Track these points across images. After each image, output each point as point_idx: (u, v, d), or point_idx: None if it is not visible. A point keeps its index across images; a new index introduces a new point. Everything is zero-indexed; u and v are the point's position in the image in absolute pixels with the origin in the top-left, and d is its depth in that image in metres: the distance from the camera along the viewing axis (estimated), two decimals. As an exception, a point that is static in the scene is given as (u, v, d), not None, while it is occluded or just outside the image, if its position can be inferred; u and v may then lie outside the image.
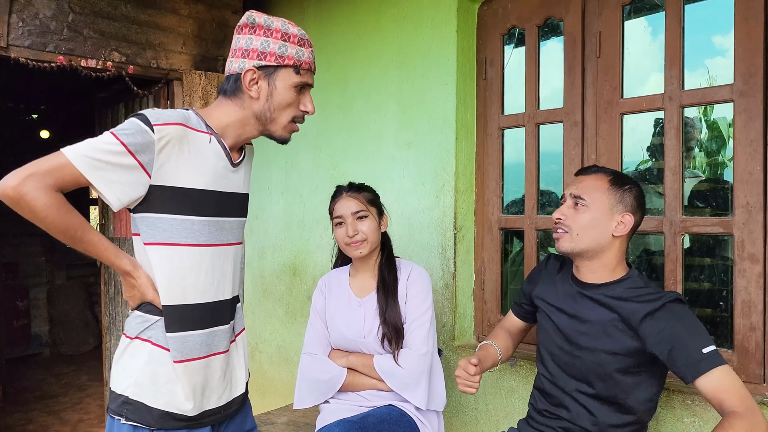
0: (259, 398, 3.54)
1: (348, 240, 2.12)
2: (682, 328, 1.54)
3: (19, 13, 2.85)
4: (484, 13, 2.58)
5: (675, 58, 2.02)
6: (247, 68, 1.46)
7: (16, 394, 4.80)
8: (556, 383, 1.79)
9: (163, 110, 1.42)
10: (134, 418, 1.42)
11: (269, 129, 1.54)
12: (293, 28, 1.49)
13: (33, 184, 1.29)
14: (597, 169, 1.77)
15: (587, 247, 1.70)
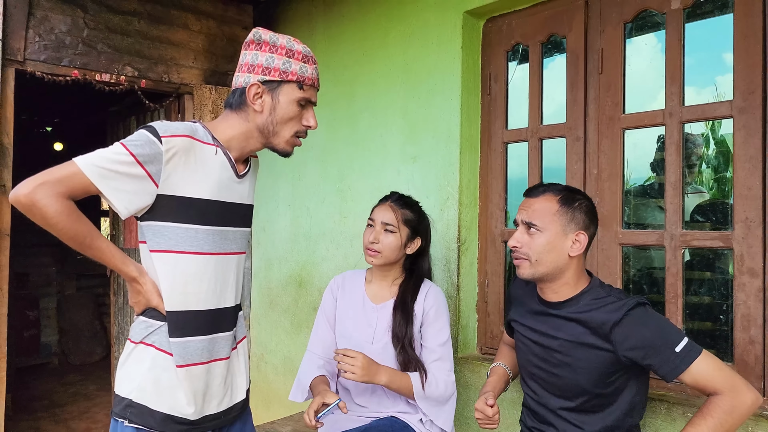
0: (264, 409, 3.56)
1: (367, 244, 2.18)
2: (649, 332, 1.56)
3: (35, 28, 2.93)
4: (488, 30, 2.62)
5: (675, 74, 2.06)
6: (252, 82, 1.51)
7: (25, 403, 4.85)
8: (539, 401, 1.81)
9: (171, 122, 1.46)
10: (137, 421, 1.46)
11: (272, 142, 1.58)
12: (298, 45, 1.53)
13: (45, 192, 1.34)
14: (545, 189, 1.75)
15: (547, 271, 1.71)
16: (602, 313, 1.64)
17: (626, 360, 1.59)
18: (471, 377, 2.50)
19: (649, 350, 1.55)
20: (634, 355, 1.57)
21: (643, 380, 1.70)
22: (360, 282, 2.31)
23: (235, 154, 1.57)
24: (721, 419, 1.47)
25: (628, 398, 1.67)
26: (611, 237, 2.20)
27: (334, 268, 3.15)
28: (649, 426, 1.95)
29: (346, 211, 3.11)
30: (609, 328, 1.60)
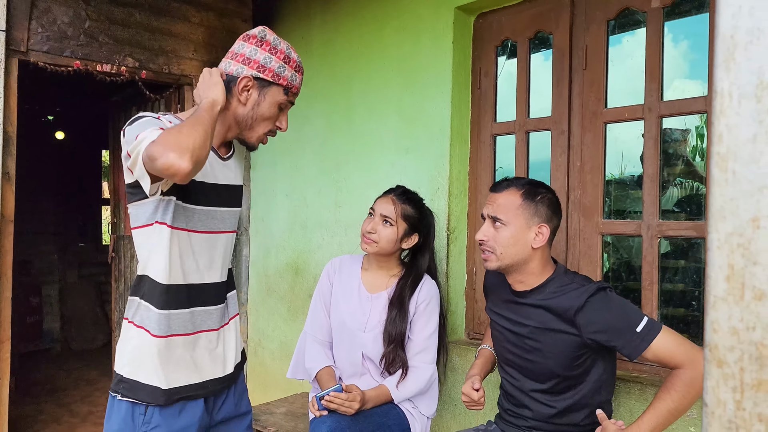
0: (262, 392, 3.66)
1: (365, 232, 2.26)
2: (610, 315, 1.66)
3: (38, 19, 3.01)
4: (479, 25, 2.70)
5: (655, 71, 2.14)
6: (245, 75, 1.57)
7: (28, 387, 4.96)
8: (515, 385, 1.91)
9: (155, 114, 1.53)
10: (129, 395, 1.54)
11: (244, 135, 1.64)
12: (294, 54, 1.63)
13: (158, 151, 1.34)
14: (508, 184, 1.82)
15: (512, 263, 1.80)
16: (566, 299, 1.73)
17: (591, 342, 1.69)
18: (459, 361, 2.59)
19: (612, 332, 1.65)
20: (598, 337, 1.67)
21: (609, 360, 1.80)
22: (357, 268, 2.39)
23: (217, 138, 1.63)
24: (684, 391, 1.57)
25: (595, 377, 1.77)
26: (593, 226, 2.29)
27: (329, 256, 3.24)
28: (623, 405, 2.05)
29: (341, 201, 3.20)
30: (573, 313, 1.70)
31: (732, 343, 0.56)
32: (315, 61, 3.37)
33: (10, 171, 2.96)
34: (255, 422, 2.67)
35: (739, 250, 0.56)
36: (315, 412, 2.06)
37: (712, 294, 0.57)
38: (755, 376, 0.55)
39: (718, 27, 0.59)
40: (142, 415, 1.53)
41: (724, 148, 0.57)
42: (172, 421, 1.55)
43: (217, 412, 1.72)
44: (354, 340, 2.28)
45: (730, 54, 0.57)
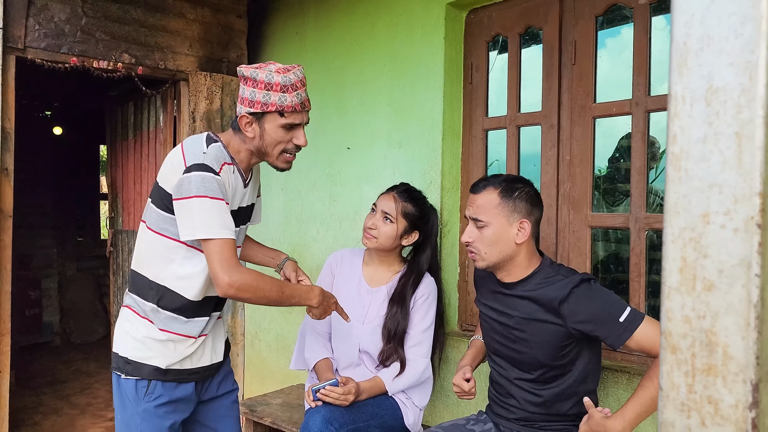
0: (258, 384, 3.71)
1: (366, 227, 2.32)
2: (594, 306, 1.71)
3: (35, 16, 3.03)
4: (470, 21, 2.73)
5: (642, 66, 2.18)
6: (241, 114, 1.74)
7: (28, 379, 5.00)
8: (503, 375, 1.96)
9: (210, 150, 1.72)
10: (135, 373, 1.79)
11: (267, 160, 1.83)
12: (278, 76, 1.69)
13: (229, 272, 1.65)
14: (486, 184, 1.86)
15: (498, 260, 1.85)
16: (551, 290, 1.78)
17: (576, 332, 1.74)
18: (451, 352, 2.64)
19: (596, 322, 1.70)
20: (583, 327, 1.72)
21: (594, 349, 1.85)
22: (358, 262, 2.44)
23: (244, 167, 1.84)
24: None
25: (581, 367, 1.82)
26: (581, 219, 2.33)
27: (324, 249, 3.29)
28: (611, 395, 2.10)
29: (335, 194, 3.24)
30: (558, 304, 1.74)
31: (684, 331, 0.60)
32: (308, 56, 3.40)
33: (8, 167, 2.99)
34: (252, 413, 2.72)
35: (691, 243, 0.60)
36: (311, 402, 2.11)
37: (666, 285, 0.61)
38: (705, 362, 0.59)
39: (673, 34, 0.63)
40: (145, 387, 1.78)
41: (678, 148, 0.61)
42: (171, 392, 1.81)
43: (205, 392, 1.96)
44: (352, 332, 2.33)
45: (683, 60, 0.61)
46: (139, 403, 1.78)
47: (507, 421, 1.95)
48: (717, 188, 0.59)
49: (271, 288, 1.71)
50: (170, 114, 3.69)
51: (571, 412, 1.86)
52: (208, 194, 1.64)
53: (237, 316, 3.84)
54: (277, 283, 1.75)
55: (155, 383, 1.78)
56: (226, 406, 2.02)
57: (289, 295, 1.79)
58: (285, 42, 3.57)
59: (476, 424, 2.06)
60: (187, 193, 1.64)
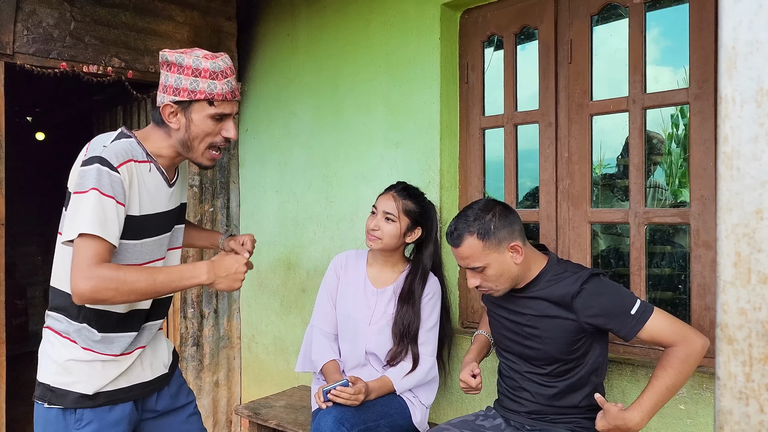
0: (256, 387, 3.71)
1: (369, 230, 2.32)
2: (605, 300, 1.75)
3: (23, 22, 3.00)
4: (465, 21, 2.76)
5: (638, 64, 2.22)
6: (165, 103, 1.59)
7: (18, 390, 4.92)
8: (513, 368, 1.99)
9: (114, 145, 1.54)
10: (57, 402, 1.58)
11: (191, 156, 1.66)
12: (206, 62, 1.56)
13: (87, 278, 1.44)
14: (460, 234, 1.85)
15: (511, 285, 1.89)
16: (561, 287, 1.82)
17: (588, 326, 1.78)
18: (454, 350, 2.66)
19: (608, 316, 1.74)
20: (595, 321, 1.76)
21: (603, 342, 1.89)
22: (362, 263, 2.45)
23: (166, 164, 1.68)
24: (679, 368, 1.66)
25: (592, 359, 1.86)
26: (581, 215, 2.37)
27: (321, 251, 3.30)
28: (616, 387, 2.14)
29: (332, 195, 3.25)
30: (570, 299, 1.79)
31: (741, 322, 0.63)
32: (301, 57, 3.40)
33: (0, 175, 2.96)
34: (256, 416, 2.73)
35: (745, 239, 0.63)
36: (321, 404, 2.12)
37: (721, 279, 0.64)
38: (762, 351, 0.62)
39: (721, 38, 0.65)
40: (73, 414, 1.59)
41: (729, 148, 0.64)
42: (103, 415, 1.62)
43: (154, 407, 1.80)
44: (358, 332, 2.35)
45: (732, 63, 0.64)
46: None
47: (517, 415, 1.98)
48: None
49: (137, 279, 1.47)
50: (161, 118, 3.66)
51: (581, 404, 1.89)
52: (101, 189, 1.47)
53: (233, 319, 3.83)
54: (148, 273, 1.51)
55: (82, 411, 1.59)
56: (183, 420, 1.88)
57: (165, 282, 1.52)
58: (276, 44, 3.57)
59: (485, 419, 2.09)
60: (86, 186, 1.47)
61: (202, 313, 3.63)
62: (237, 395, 3.84)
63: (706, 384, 1.96)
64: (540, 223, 2.48)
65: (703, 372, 1.99)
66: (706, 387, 1.96)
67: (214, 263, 1.59)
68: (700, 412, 1.98)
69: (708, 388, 1.95)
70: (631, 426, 1.65)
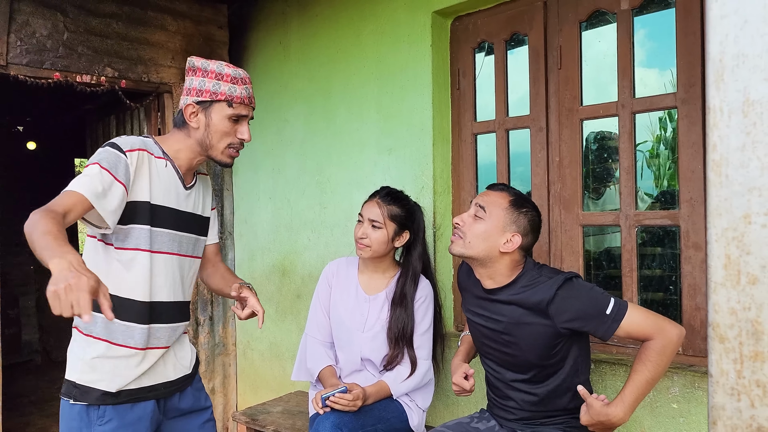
0: (252, 393, 3.72)
1: (357, 239, 2.34)
2: (580, 303, 1.77)
3: (17, 32, 3.01)
4: (456, 28, 2.80)
5: (626, 69, 2.26)
6: (188, 103, 1.73)
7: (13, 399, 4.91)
8: (497, 377, 2.01)
9: (128, 137, 1.69)
10: (81, 398, 1.67)
11: (210, 154, 1.78)
12: (228, 69, 1.73)
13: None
14: (504, 188, 1.94)
15: (475, 255, 1.89)
16: (536, 293, 1.82)
17: (565, 330, 1.80)
18: (449, 353, 2.69)
19: (584, 319, 1.77)
20: (571, 325, 1.78)
21: (582, 342, 1.91)
22: (353, 271, 2.47)
23: (184, 165, 1.79)
24: (657, 360, 1.69)
25: (572, 361, 1.88)
26: (573, 218, 2.41)
27: (316, 257, 3.32)
28: (610, 387, 2.18)
29: (325, 201, 3.27)
30: (545, 306, 1.80)
31: (731, 322, 0.66)
32: (293, 65, 3.43)
33: (-6, 185, 2.96)
34: (253, 422, 2.74)
35: (734, 242, 0.66)
36: (319, 409, 2.13)
37: (712, 280, 0.67)
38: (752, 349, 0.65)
39: (708, 52, 0.69)
40: (96, 410, 1.67)
41: (718, 156, 0.67)
42: (124, 414, 1.70)
43: (177, 406, 1.86)
44: (353, 340, 2.37)
45: (719, 75, 0.67)
46: (91, 428, 1.66)
47: (508, 422, 2.01)
48: (757, 191, 0.65)
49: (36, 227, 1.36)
50: (155, 126, 3.68)
51: (570, 405, 1.92)
52: (101, 162, 1.57)
53: (228, 326, 3.84)
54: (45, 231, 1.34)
55: (104, 408, 1.67)
56: (198, 425, 1.92)
57: (41, 246, 1.32)
58: (268, 52, 3.59)
59: (480, 421, 2.11)
60: (90, 161, 1.59)
61: (197, 320, 3.64)
62: (233, 402, 3.85)
63: (698, 383, 2.00)
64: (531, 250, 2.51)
65: (695, 371, 2.03)
66: (698, 386, 1.99)
67: (71, 269, 1.22)
68: (693, 410, 2.02)
69: (700, 387, 1.99)
70: (614, 421, 1.69)
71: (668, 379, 2.06)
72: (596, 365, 2.23)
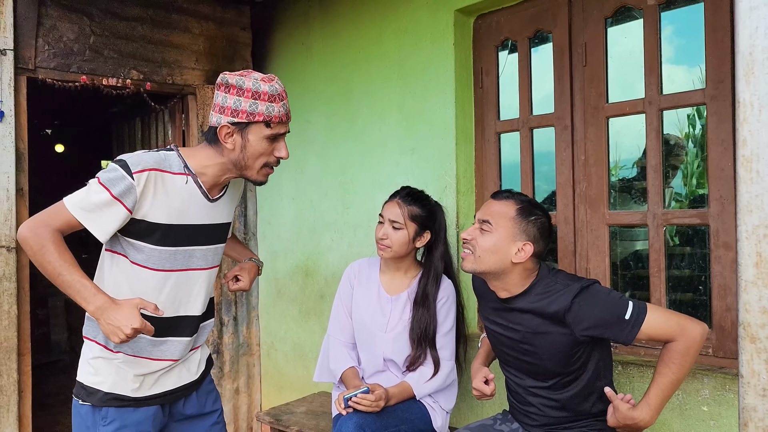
0: (276, 394, 3.73)
1: (378, 239, 2.33)
2: (598, 311, 1.73)
3: (44, 37, 3.06)
4: (479, 26, 2.78)
5: (653, 65, 2.22)
6: (222, 124, 1.64)
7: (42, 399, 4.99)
8: (518, 384, 1.98)
9: (143, 154, 1.66)
10: (87, 399, 1.71)
11: (245, 174, 1.73)
12: (265, 85, 1.63)
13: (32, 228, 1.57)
14: (508, 196, 1.88)
15: (487, 270, 1.84)
16: (552, 302, 1.78)
17: (584, 338, 1.76)
18: (471, 353, 2.66)
19: (603, 326, 1.73)
20: (591, 333, 1.75)
21: (604, 347, 1.87)
22: (375, 271, 2.46)
23: (210, 181, 1.74)
24: (681, 361, 1.66)
25: (593, 366, 1.84)
26: (599, 218, 2.37)
27: (339, 257, 3.32)
28: (638, 389, 2.14)
29: (348, 202, 3.27)
30: (562, 315, 1.76)
31: (763, 321, 0.64)
32: (315, 66, 3.44)
33: (23, 187, 3.02)
34: (277, 422, 2.75)
35: (766, 239, 0.64)
36: (342, 410, 2.13)
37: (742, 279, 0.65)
38: (785, 350, 0.63)
39: (738, 45, 0.67)
40: (100, 411, 1.70)
41: (748, 151, 0.65)
42: (127, 416, 1.72)
43: (182, 411, 1.88)
44: (375, 341, 2.36)
45: (749, 69, 0.65)
46: (95, 428, 1.69)
47: (531, 427, 1.98)
48: (789, 187, 0.63)
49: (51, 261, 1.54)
50: (179, 128, 3.71)
51: (594, 410, 1.88)
52: (101, 178, 1.60)
53: (252, 327, 3.86)
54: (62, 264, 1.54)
55: (107, 409, 1.69)
56: (205, 429, 1.92)
57: (65, 283, 1.54)
58: (291, 53, 3.61)
59: (503, 423, 2.09)
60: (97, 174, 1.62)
61: (221, 320, 3.66)
62: (257, 402, 3.87)
63: (728, 385, 1.95)
64: (557, 226, 2.48)
65: (725, 373, 1.99)
66: (729, 388, 1.95)
67: (110, 306, 1.54)
68: (724, 413, 1.97)
69: (731, 389, 1.94)
70: (641, 424, 1.67)
71: (698, 381, 2.02)
72: (623, 367, 2.19)
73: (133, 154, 1.64)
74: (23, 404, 3.15)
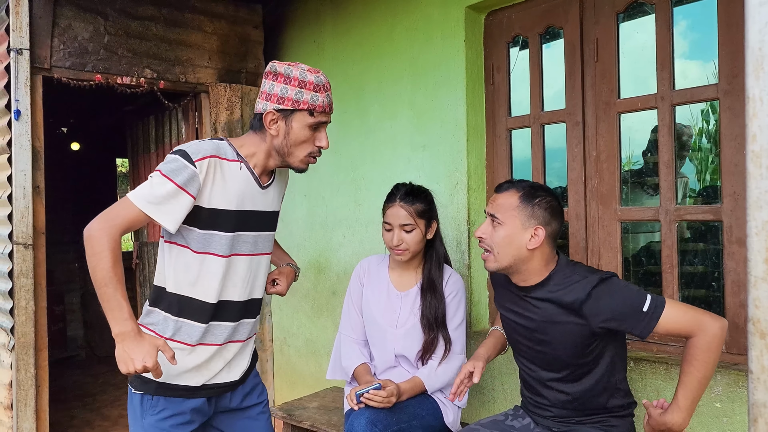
0: (289, 389, 3.76)
1: (392, 246, 2.32)
2: (616, 303, 1.73)
3: (59, 36, 3.10)
4: (489, 23, 2.77)
5: (665, 61, 2.21)
6: (268, 110, 1.71)
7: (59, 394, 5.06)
8: (531, 375, 1.98)
9: (201, 143, 1.71)
10: (140, 388, 1.76)
11: (287, 161, 1.78)
12: (311, 75, 1.70)
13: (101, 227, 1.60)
14: (509, 186, 1.89)
15: (509, 263, 1.85)
16: (570, 292, 1.79)
17: (601, 330, 1.76)
18: (484, 350, 2.67)
19: (621, 318, 1.72)
20: (608, 325, 1.74)
21: (618, 341, 1.87)
22: (384, 268, 2.47)
23: (258, 168, 1.79)
24: (704, 357, 1.64)
25: (607, 360, 1.84)
26: (611, 214, 2.37)
27: (351, 254, 3.33)
28: (650, 386, 2.13)
29: (360, 199, 3.28)
30: (579, 305, 1.76)
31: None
32: (327, 63, 3.44)
33: (39, 185, 3.06)
34: (290, 417, 2.77)
35: (775, 235, 0.64)
36: (354, 406, 2.14)
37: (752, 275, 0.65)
38: (794, 345, 0.63)
39: (747, 41, 0.67)
40: (151, 399, 1.75)
41: (758, 147, 0.65)
42: (176, 405, 1.77)
43: (228, 405, 1.92)
44: (386, 337, 2.37)
45: (758, 64, 0.65)
46: (144, 416, 1.76)
47: (543, 419, 1.99)
48: (799, 183, 0.63)
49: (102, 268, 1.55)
50: (192, 126, 3.74)
51: (608, 405, 1.88)
52: (163, 170, 1.62)
53: (264, 323, 3.89)
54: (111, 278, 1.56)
55: (158, 398, 1.75)
56: (252, 417, 1.97)
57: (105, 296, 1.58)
58: (302, 50, 3.62)
59: (515, 419, 2.09)
60: (158, 167, 1.65)
61: (235, 316, 3.69)
62: (270, 397, 3.89)
63: (742, 381, 1.94)
64: (569, 222, 2.48)
65: (739, 369, 1.98)
66: (743, 384, 1.94)
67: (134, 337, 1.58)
68: (737, 410, 1.96)
69: (744, 386, 1.94)
70: (674, 429, 1.66)
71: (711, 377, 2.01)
72: (636, 364, 2.19)
73: (191, 144, 1.69)
74: (40, 399, 3.19)
